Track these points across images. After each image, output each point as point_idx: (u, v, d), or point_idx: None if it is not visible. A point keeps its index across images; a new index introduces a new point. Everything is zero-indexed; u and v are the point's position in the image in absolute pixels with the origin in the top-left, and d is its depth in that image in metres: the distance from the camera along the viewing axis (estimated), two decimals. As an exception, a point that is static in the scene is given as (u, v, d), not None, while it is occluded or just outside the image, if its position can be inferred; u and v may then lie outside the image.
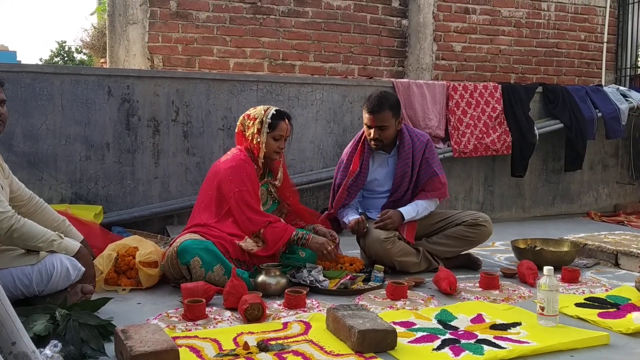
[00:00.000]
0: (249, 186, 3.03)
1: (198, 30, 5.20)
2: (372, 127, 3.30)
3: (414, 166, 3.36)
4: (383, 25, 5.86)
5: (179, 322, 2.39)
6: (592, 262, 3.55)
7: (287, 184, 3.32)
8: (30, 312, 2.09)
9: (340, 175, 3.46)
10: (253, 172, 3.09)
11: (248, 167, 3.08)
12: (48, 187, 3.89)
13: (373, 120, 3.28)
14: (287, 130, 3.15)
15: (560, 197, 5.63)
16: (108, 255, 2.92)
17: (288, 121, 3.16)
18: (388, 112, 3.28)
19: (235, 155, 3.12)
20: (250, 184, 3.05)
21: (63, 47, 21.66)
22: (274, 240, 3.00)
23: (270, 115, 3.11)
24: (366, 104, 3.34)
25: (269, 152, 3.12)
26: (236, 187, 3.00)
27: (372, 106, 3.28)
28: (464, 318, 2.48)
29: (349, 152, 3.48)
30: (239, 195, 2.99)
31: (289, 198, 3.33)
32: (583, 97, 5.45)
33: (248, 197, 3.01)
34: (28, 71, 3.86)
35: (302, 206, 3.44)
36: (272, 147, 3.11)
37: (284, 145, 3.18)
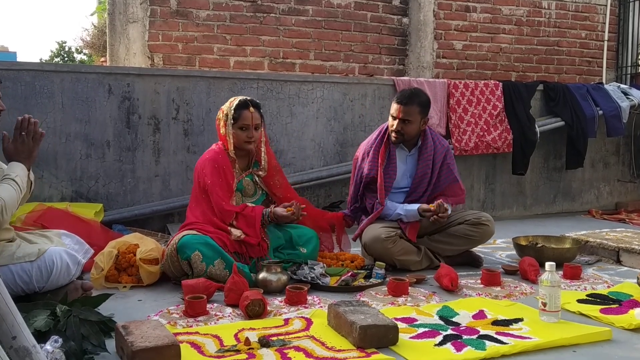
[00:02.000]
0: (216, 178, 3.04)
1: (198, 29, 5.19)
2: (396, 119, 3.29)
3: (434, 169, 3.35)
4: (383, 24, 5.86)
5: (180, 319, 2.39)
6: (594, 259, 3.54)
7: (271, 173, 3.23)
8: (31, 308, 2.08)
9: (368, 167, 3.35)
10: (226, 164, 3.09)
11: (220, 159, 3.10)
12: (48, 186, 3.89)
13: (400, 111, 3.27)
14: (253, 119, 3.07)
15: (561, 195, 5.62)
16: (109, 253, 2.92)
17: (255, 109, 3.09)
18: (416, 108, 3.28)
19: (210, 149, 3.18)
20: (220, 176, 3.05)
21: (63, 48, 21.65)
22: (248, 226, 3.00)
23: (234, 106, 3.09)
24: (397, 95, 3.35)
25: (238, 143, 3.10)
26: (208, 180, 3.05)
27: (402, 98, 3.29)
28: (465, 314, 2.47)
29: (375, 144, 3.39)
30: (211, 188, 3.04)
31: (275, 188, 3.25)
32: (584, 95, 5.44)
33: (218, 189, 3.03)
34: (28, 69, 3.86)
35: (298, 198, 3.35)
36: (240, 137, 3.09)
37: (254, 135, 3.10)
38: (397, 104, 3.29)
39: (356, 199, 3.45)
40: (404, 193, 3.40)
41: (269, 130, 4.42)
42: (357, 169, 3.46)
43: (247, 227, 3.01)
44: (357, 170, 3.46)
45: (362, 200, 3.44)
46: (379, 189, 3.31)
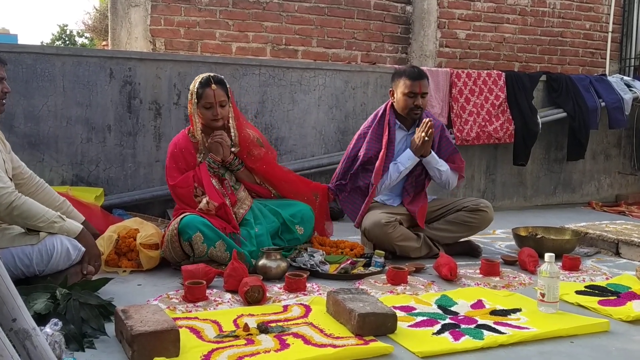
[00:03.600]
0: (172, 162, 3.06)
1: (200, 14, 5.16)
2: (417, 94, 3.27)
3: (433, 141, 3.35)
4: (387, 11, 5.82)
5: (179, 304, 2.40)
6: (593, 251, 3.54)
7: (244, 147, 3.13)
8: (31, 291, 2.09)
9: (366, 148, 3.32)
10: (186, 147, 3.08)
11: (181, 142, 3.10)
12: (49, 169, 3.88)
13: (420, 86, 3.25)
14: (216, 96, 2.96)
15: (561, 186, 5.62)
16: (109, 237, 2.92)
17: (218, 85, 2.98)
18: (426, 80, 3.31)
19: (175, 136, 3.21)
20: (177, 160, 3.07)
21: (65, 31, 21.55)
22: (187, 191, 3.01)
23: (197, 84, 3.01)
24: (406, 73, 3.29)
25: (206, 121, 3.05)
26: (167, 165, 3.10)
27: (416, 74, 3.27)
28: (464, 304, 2.48)
29: (373, 126, 3.37)
30: (166, 172, 3.09)
31: (250, 161, 3.16)
32: (587, 87, 5.42)
33: (174, 172, 3.05)
34: (29, 52, 3.84)
35: (279, 171, 3.31)
36: (206, 116, 3.02)
37: (220, 112, 2.99)
38: (413, 80, 3.25)
39: (344, 176, 3.41)
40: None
41: (270, 117, 4.42)
42: (349, 149, 3.44)
43: (184, 193, 3.01)
44: (349, 150, 3.43)
45: (353, 179, 3.38)
46: (376, 170, 3.27)
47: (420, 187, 3.41)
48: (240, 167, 3.18)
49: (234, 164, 3.15)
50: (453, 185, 3.47)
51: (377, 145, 3.33)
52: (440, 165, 3.36)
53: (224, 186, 3.10)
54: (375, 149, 3.32)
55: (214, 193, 2.96)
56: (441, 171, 3.36)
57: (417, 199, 3.37)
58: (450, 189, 3.52)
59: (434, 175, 3.39)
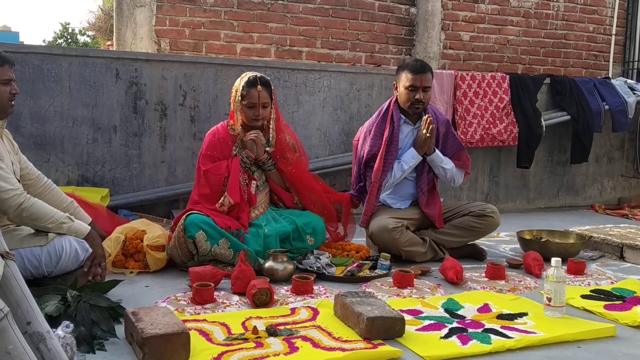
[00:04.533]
0: (209, 150, 3.13)
1: (205, 15, 5.17)
2: (418, 88, 3.26)
3: (439, 137, 3.37)
4: (391, 13, 5.83)
5: (187, 306, 2.41)
6: (597, 255, 3.55)
7: (279, 149, 3.20)
8: (42, 293, 2.10)
9: (369, 144, 3.34)
10: (225, 137, 3.15)
11: (220, 131, 3.18)
12: (55, 169, 3.89)
13: (421, 80, 3.25)
14: (260, 98, 3.06)
15: (564, 189, 5.63)
16: (116, 238, 2.93)
17: (263, 87, 3.07)
18: (430, 74, 3.31)
19: (215, 126, 3.27)
20: (214, 148, 3.13)
21: (67, 29, 21.55)
22: (218, 179, 3.05)
23: (243, 83, 3.10)
24: (409, 66, 3.29)
25: (247, 119, 3.13)
26: (202, 150, 3.17)
27: (418, 67, 3.27)
28: (470, 307, 2.49)
29: (376, 122, 3.38)
30: (201, 158, 3.15)
31: (282, 163, 3.21)
32: (591, 90, 5.43)
33: (207, 160, 3.11)
34: (36, 52, 3.85)
35: (310, 179, 3.33)
36: (247, 115, 3.12)
37: (261, 113, 3.09)
38: (415, 73, 3.25)
39: (359, 178, 3.45)
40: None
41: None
42: (358, 150, 3.45)
43: (214, 181, 3.07)
44: (359, 151, 3.44)
45: (365, 179, 3.41)
46: (376, 166, 3.27)
47: (432, 185, 3.42)
48: (272, 168, 3.22)
49: (267, 163, 3.20)
50: (459, 182, 3.48)
51: (380, 142, 3.33)
52: (445, 163, 3.37)
53: (249, 186, 3.14)
54: (378, 145, 3.33)
55: (236, 190, 3.02)
56: (446, 169, 3.37)
57: (431, 200, 3.37)
58: (455, 185, 3.53)
59: (438, 173, 3.40)
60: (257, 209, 3.16)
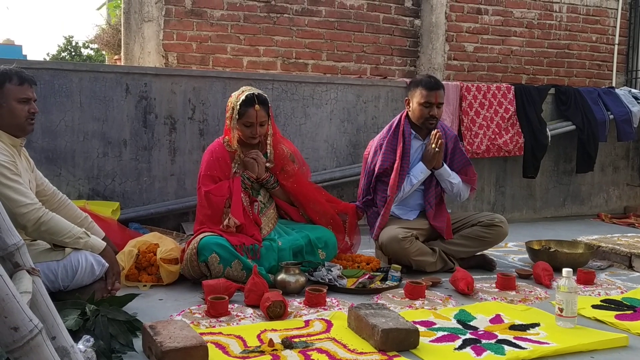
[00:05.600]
0: (208, 170, 3.10)
1: (212, 29, 5.23)
2: (433, 105, 3.31)
3: (447, 153, 3.42)
4: (396, 25, 5.88)
5: (202, 319, 2.43)
6: (606, 264, 3.57)
7: (278, 164, 3.21)
8: (61, 307, 2.12)
9: (381, 159, 3.36)
10: (223, 156, 3.12)
11: (218, 150, 3.14)
12: (66, 183, 3.93)
13: (436, 96, 3.30)
14: (258, 117, 3.04)
15: (570, 198, 5.65)
16: (129, 252, 2.96)
17: (261, 106, 3.05)
18: (442, 90, 3.35)
19: (211, 144, 3.25)
20: (213, 168, 3.10)
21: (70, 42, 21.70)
22: (220, 200, 3.02)
23: (240, 101, 3.06)
24: (422, 83, 3.33)
25: (244, 137, 3.12)
26: (202, 171, 3.13)
27: (433, 83, 3.31)
28: (482, 318, 2.51)
29: (388, 137, 3.40)
30: (201, 179, 3.11)
31: (282, 178, 3.21)
32: (595, 99, 5.46)
33: (208, 181, 3.08)
34: (48, 68, 3.90)
35: (312, 190, 3.33)
36: (244, 133, 3.10)
37: (259, 131, 3.08)
38: (430, 90, 3.29)
39: (368, 191, 3.48)
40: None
41: (283, 131, 4.44)
42: (368, 163, 3.48)
43: (215, 202, 3.03)
44: (369, 164, 3.47)
45: (374, 193, 3.44)
46: (392, 183, 3.30)
47: (439, 199, 3.45)
48: (275, 186, 3.23)
49: (269, 181, 3.21)
50: (464, 197, 3.51)
51: (392, 157, 3.37)
52: (452, 177, 3.41)
53: (252, 206, 3.14)
54: (390, 160, 3.37)
55: (239, 211, 3.00)
56: (453, 184, 3.41)
57: (439, 214, 3.41)
58: (461, 200, 3.56)
59: (445, 188, 3.43)
60: (266, 226, 3.16)
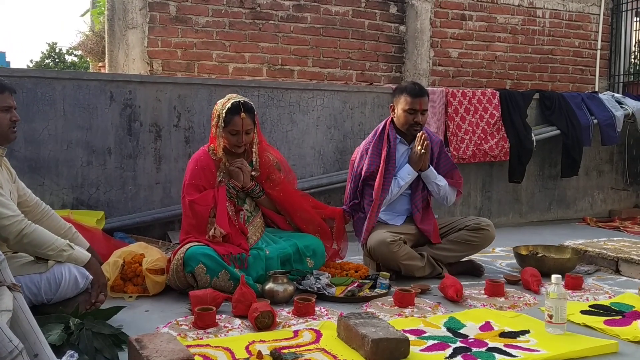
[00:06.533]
0: (193, 179, 3.05)
1: (197, 35, 5.19)
2: (417, 111, 3.32)
3: (433, 157, 3.43)
4: (381, 31, 5.89)
5: (189, 330, 2.39)
6: (593, 269, 3.58)
7: (264, 172, 3.17)
8: (44, 322, 2.07)
9: (367, 163, 3.36)
10: (208, 165, 3.09)
11: (203, 159, 3.11)
12: (49, 193, 3.87)
13: (420, 103, 3.32)
14: (243, 125, 3.00)
15: (556, 202, 5.69)
16: (114, 262, 2.91)
17: (247, 114, 3.01)
18: (427, 97, 3.37)
19: (196, 152, 3.21)
20: (198, 177, 3.06)
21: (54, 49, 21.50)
22: (205, 209, 2.98)
23: (226, 109, 3.03)
24: (407, 90, 3.33)
25: (230, 145, 3.09)
26: (186, 180, 3.09)
27: (417, 90, 3.32)
28: (472, 326, 2.50)
29: (373, 142, 3.40)
30: (185, 188, 3.06)
31: (268, 186, 3.18)
32: (579, 104, 5.51)
33: (192, 190, 3.03)
34: (30, 76, 3.85)
35: (298, 198, 3.30)
36: (230, 141, 3.07)
37: (245, 139, 3.04)
38: (414, 97, 3.30)
39: (355, 195, 3.46)
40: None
41: (269, 138, 4.43)
42: (355, 167, 3.47)
43: (200, 211, 2.99)
44: (355, 168, 3.46)
45: (361, 197, 3.43)
46: (376, 187, 3.29)
47: (426, 202, 3.46)
48: (261, 195, 3.19)
49: (255, 190, 3.17)
50: (451, 201, 3.51)
51: (378, 160, 3.38)
52: (439, 180, 3.42)
53: (237, 215, 3.10)
54: (376, 163, 3.37)
55: (225, 220, 2.96)
56: (439, 186, 3.41)
57: (426, 217, 3.42)
58: (448, 204, 3.56)
59: (432, 190, 3.44)
60: (253, 235, 3.13)
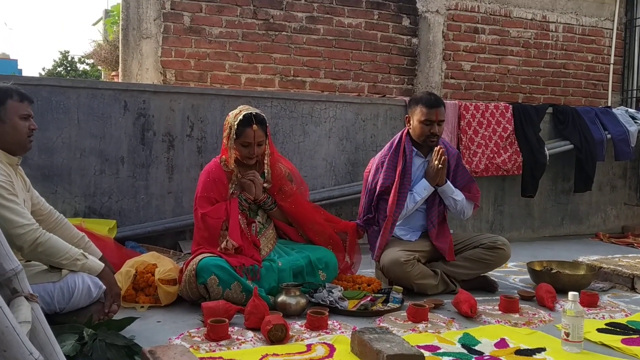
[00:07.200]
0: (205, 192, 3.05)
1: (211, 46, 5.21)
2: (434, 122, 3.28)
3: (449, 170, 3.38)
4: (393, 44, 5.89)
5: (202, 342, 2.38)
6: (608, 286, 3.54)
7: (276, 184, 3.17)
8: (58, 332, 2.06)
9: (383, 177, 3.32)
10: (220, 176, 3.08)
11: (215, 171, 3.10)
12: (62, 201, 3.87)
13: (437, 114, 3.28)
14: (255, 137, 3.01)
15: (569, 217, 5.64)
16: (127, 272, 2.91)
17: (259, 126, 3.02)
18: (443, 107, 3.34)
19: (208, 164, 3.21)
20: (210, 189, 3.05)
21: (66, 57, 21.69)
22: (217, 222, 2.97)
23: (238, 121, 3.03)
24: (423, 100, 3.30)
25: (241, 157, 3.09)
26: (198, 193, 3.08)
27: (434, 101, 3.29)
28: (487, 342, 2.47)
29: (389, 155, 3.36)
30: (198, 201, 3.05)
31: (280, 198, 3.17)
32: (593, 119, 5.48)
33: (204, 202, 3.03)
34: (45, 84, 3.87)
35: (311, 210, 3.28)
36: (242, 153, 3.07)
37: (256, 151, 3.05)
38: (430, 108, 3.27)
39: (369, 210, 3.42)
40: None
41: (282, 148, 4.43)
42: (369, 181, 3.43)
43: (212, 224, 2.97)
44: (369, 182, 3.42)
45: (376, 211, 3.39)
46: (391, 202, 3.25)
47: (442, 217, 3.42)
48: (273, 207, 3.19)
49: (267, 203, 3.16)
50: (468, 215, 3.48)
51: (393, 175, 3.33)
52: (456, 194, 3.38)
53: (249, 227, 3.09)
54: (392, 178, 3.33)
55: (237, 233, 2.95)
56: (456, 200, 3.38)
57: (442, 233, 3.37)
58: (465, 218, 3.53)
59: (449, 205, 3.40)
60: (265, 247, 3.11)
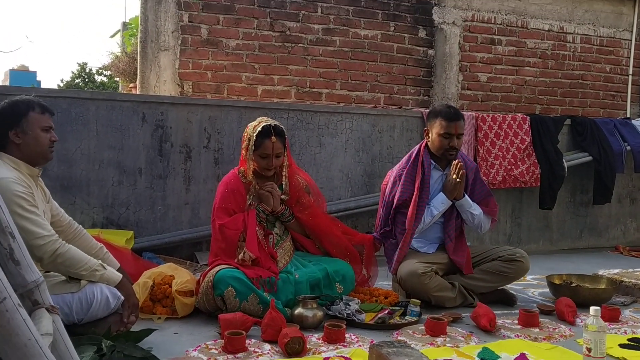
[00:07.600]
0: (223, 202, 3.05)
1: (228, 58, 5.26)
2: (453, 136, 3.26)
3: (467, 183, 3.35)
4: (409, 55, 5.90)
5: (219, 355, 2.37)
6: (630, 300, 3.48)
7: (293, 196, 3.18)
8: (77, 343, 2.07)
9: (400, 191, 3.29)
10: (238, 188, 3.09)
11: (233, 182, 3.11)
12: (80, 211, 3.91)
13: (456, 127, 3.25)
14: (274, 149, 3.02)
15: (587, 230, 5.57)
16: (144, 283, 2.91)
17: (277, 137, 3.02)
18: (462, 120, 3.32)
19: (226, 175, 3.22)
20: (228, 200, 3.05)
21: (84, 69, 21.98)
22: (234, 233, 2.97)
23: (257, 132, 3.03)
24: (442, 113, 3.27)
25: (260, 169, 3.10)
26: (216, 204, 3.08)
27: (453, 114, 3.26)
28: (507, 357, 2.43)
29: (407, 168, 3.34)
30: (215, 212, 3.06)
31: (297, 210, 3.18)
32: (611, 130, 5.42)
33: (222, 213, 3.03)
34: (65, 96, 3.92)
35: (328, 223, 3.28)
36: (260, 164, 3.08)
37: (275, 162, 3.06)
38: (450, 121, 3.24)
39: (386, 223, 3.39)
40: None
41: (298, 160, 4.43)
42: (387, 194, 3.40)
43: (229, 235, 2.97)
44: (387, 195, 3.40)
45: (393, 224, 3.37)
46: (410, 214, 3.23)
47: (459, 231, 3.39)
48: (291, 219, 3.19)
49: (284, 214, 3.17)
50: (485, 229, 3.45)
51: (411, 188, 3.31)
52: (474, 209, 3.35)
53: (267, 239, 3.09)
54: (409, 191, 3.30)
55: (254, 244, 2.95)
56: (474, 215, 3.35)
57: (459, 247, 3.34)
58: (482, 232, 3.49)
59: (466, 219, 3.37)
60: (282, 259, 3.11)
